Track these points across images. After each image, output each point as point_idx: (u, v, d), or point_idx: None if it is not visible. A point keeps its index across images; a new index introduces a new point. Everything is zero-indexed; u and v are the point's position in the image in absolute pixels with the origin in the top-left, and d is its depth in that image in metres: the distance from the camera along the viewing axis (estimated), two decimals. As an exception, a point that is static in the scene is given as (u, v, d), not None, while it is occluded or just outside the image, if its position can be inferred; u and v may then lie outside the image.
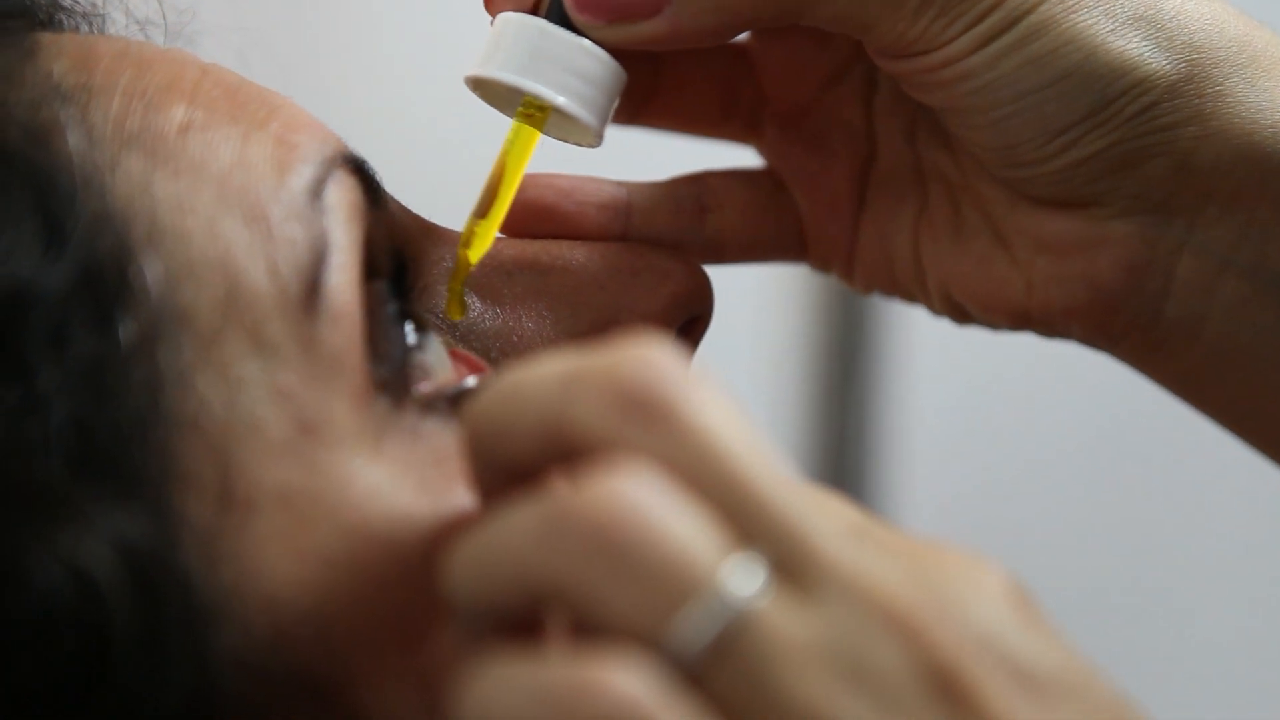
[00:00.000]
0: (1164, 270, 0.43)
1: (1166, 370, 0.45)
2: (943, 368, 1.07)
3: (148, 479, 0.32)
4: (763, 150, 0.48)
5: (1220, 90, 0.41)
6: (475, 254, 0.40)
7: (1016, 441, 1.11)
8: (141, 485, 0.32)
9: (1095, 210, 0.43)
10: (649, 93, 0.45)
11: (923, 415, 1.09)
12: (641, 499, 0.28)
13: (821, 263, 0.48)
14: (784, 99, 0.47)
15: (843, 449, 1.11)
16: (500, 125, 0.42)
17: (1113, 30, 0.41)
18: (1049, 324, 0.45)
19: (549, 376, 0.30)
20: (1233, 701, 1.13)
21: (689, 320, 0.41)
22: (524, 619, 0.29)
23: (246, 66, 0.42)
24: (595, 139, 0.41)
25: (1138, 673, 1.13)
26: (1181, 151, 0.42)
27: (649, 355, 0.30)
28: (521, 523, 0.29)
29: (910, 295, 0.47)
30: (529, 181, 0.43)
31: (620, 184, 0.46)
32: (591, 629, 0.28)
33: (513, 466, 0.30)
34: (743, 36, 0.45)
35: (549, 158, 0.43)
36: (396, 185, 0.41)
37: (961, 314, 0.46)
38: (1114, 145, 0.41)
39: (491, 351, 0.39)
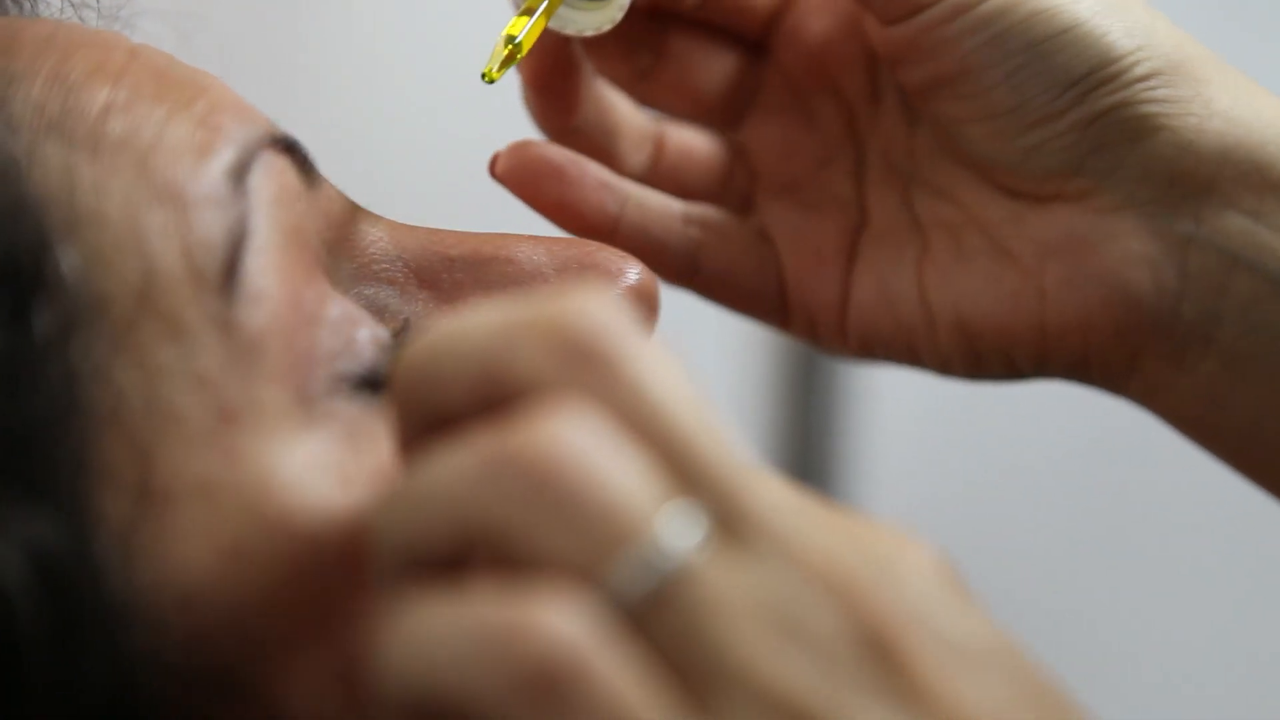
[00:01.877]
0: (1177, 265, 0.43)
1: (1184, 393, 0.44)
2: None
3: (61, 475, 0.31)
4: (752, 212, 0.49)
5: (1213, 82, 0.43)
6: (527, 41, 0.42)
7: (987, 440, 1.11)
8: (55, 482, 0.31)
9: (1100, 199, 0.43)
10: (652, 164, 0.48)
11: (890, 415, 1.09)
12: (581, 440, 0.27)
13: (805, 323, 0.48)
14: (775, 178, 0.48)
15: (809, 449, 1.10)
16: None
17: None
18: (1065, 341, 0.44)
19: (486, 323, 0.29)
20: (1206, 705, 1.13)
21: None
22: (451, 565, 0.28)
23: (189, 49, 0.41)
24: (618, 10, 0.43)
25: (1108, 671, 1.13)
26: (1186, 130, 0.43)
27: (593, 304, 0.29)
28: (455, 463, 0.28)
29: (913, 342, 0.47)
30: (540, 144, 0.45)
31: (623, 180, 0.46)
32: (524, 572, 0.27)
33: (443, 415, 0.29)
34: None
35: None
36: (336, 161, 0.40)
37: (972, 353, 0.46)
38: (1122, 105, 0.43)
39: None
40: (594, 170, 0.46)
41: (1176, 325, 0.43)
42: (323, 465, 0.33)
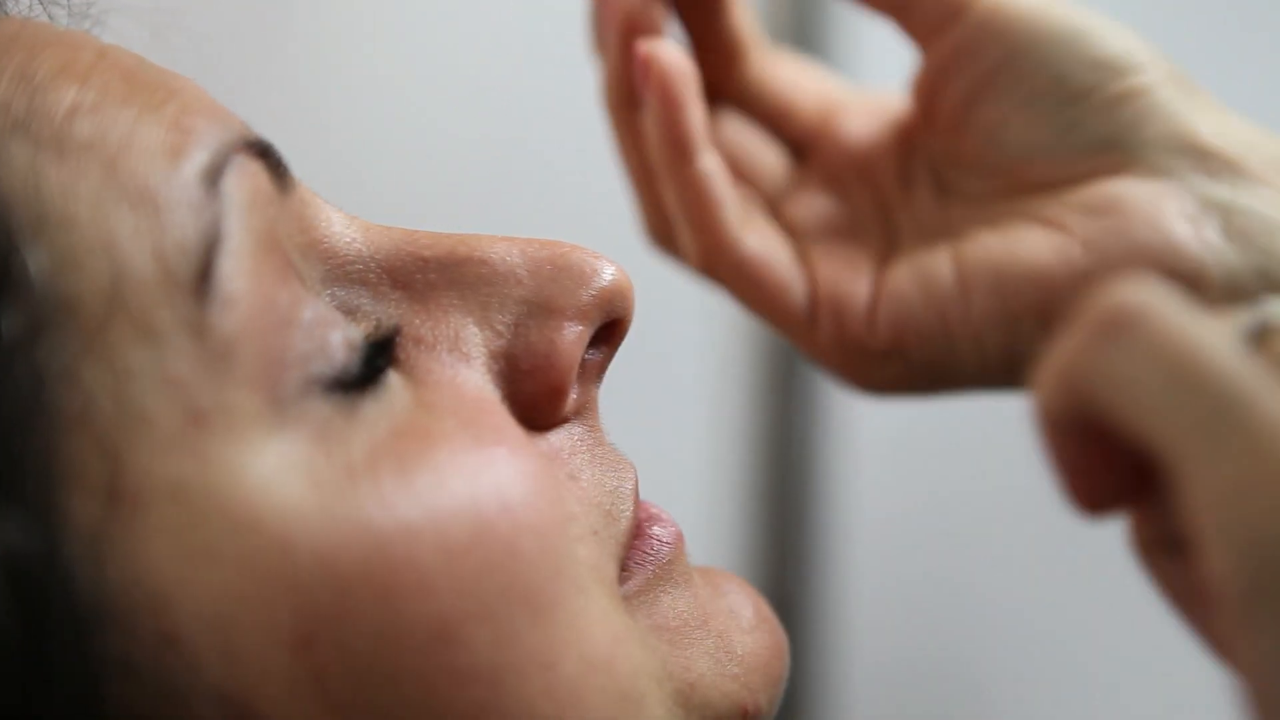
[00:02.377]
0: (1219, 224, 0.45)
1: None
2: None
3: (29, 477, 0.31)
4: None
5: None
6: None
7: (963, 451, 1.12)
8: (23, 485, 0.31)
9: (1136, 169, 0.46)
10: None
11: (868, 424, 1.09)
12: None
13: (832, 320, 0.49)
14: (807, 224, 0.52)
15: (788, 456, 1.11)
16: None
17: None
18: None
19: None
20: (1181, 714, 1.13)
21: (609, 322, 0.40)
22: None
23: (164, 47, 0.41)
24: None
25: (1081, 680, 1.13)
26: (1211, 118, 0.46)
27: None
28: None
29: (946, 316, 0.47)
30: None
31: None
32: None
33: None
34: None
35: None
36: (311, 162, 0.40)
37: (1009, 317, 0.47)
38: (1153, 87, 0.46)
39: (404, 341, 0.38)
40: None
41: (1226, 282, 0.44)
42: (293, 467, 0.33)
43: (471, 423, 0.36)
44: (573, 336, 0.39)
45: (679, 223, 0.51)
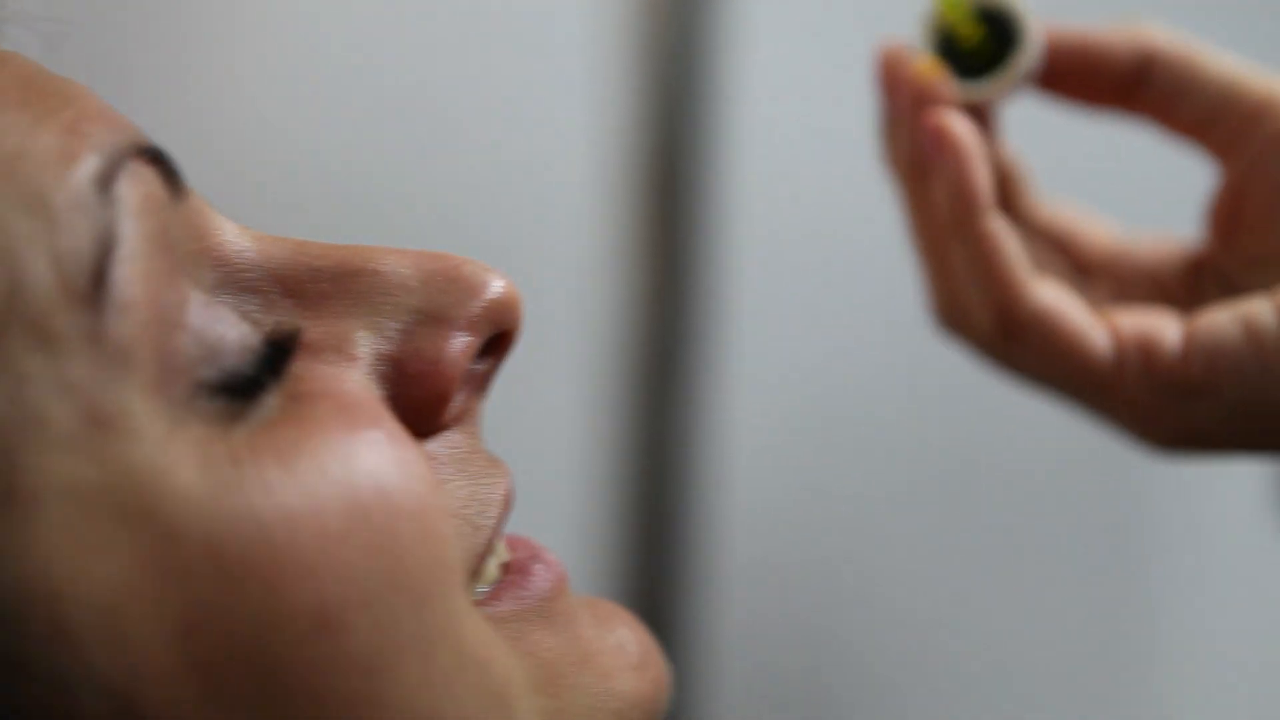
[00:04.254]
0: None
1: None
2: (767, 370, 1.09)
3: None
4: None
5: None
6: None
7: (838, 443, 1.13)
8: None
9: None
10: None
11: (745, 417, 1.10)
12: None
13: (1141, 358, 0.51)
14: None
15: (664, 451, 1.11)
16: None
17: None
18: None
19: None
20: (1059, 699, 1.16)
21: (498, 334, 0.41)
22: None
23: (56, 56, 0.41)
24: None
25: (962, 669, 1.15)
26: None
27: None
28: None
29: (1266, 358, 0.50)
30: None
31: None
32: None
33: None
34: None
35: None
36: (203, 169, 0.41)
37: None
38: None
39: (291, 350, 0.38)
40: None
41: None
42: (184, 460, 0.34)
43: (347, 409, 0.37)
44: (461, 346, 0.39)
45: (969, 289, 0.52)
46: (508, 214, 0.92)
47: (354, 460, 0.35)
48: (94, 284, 0.34)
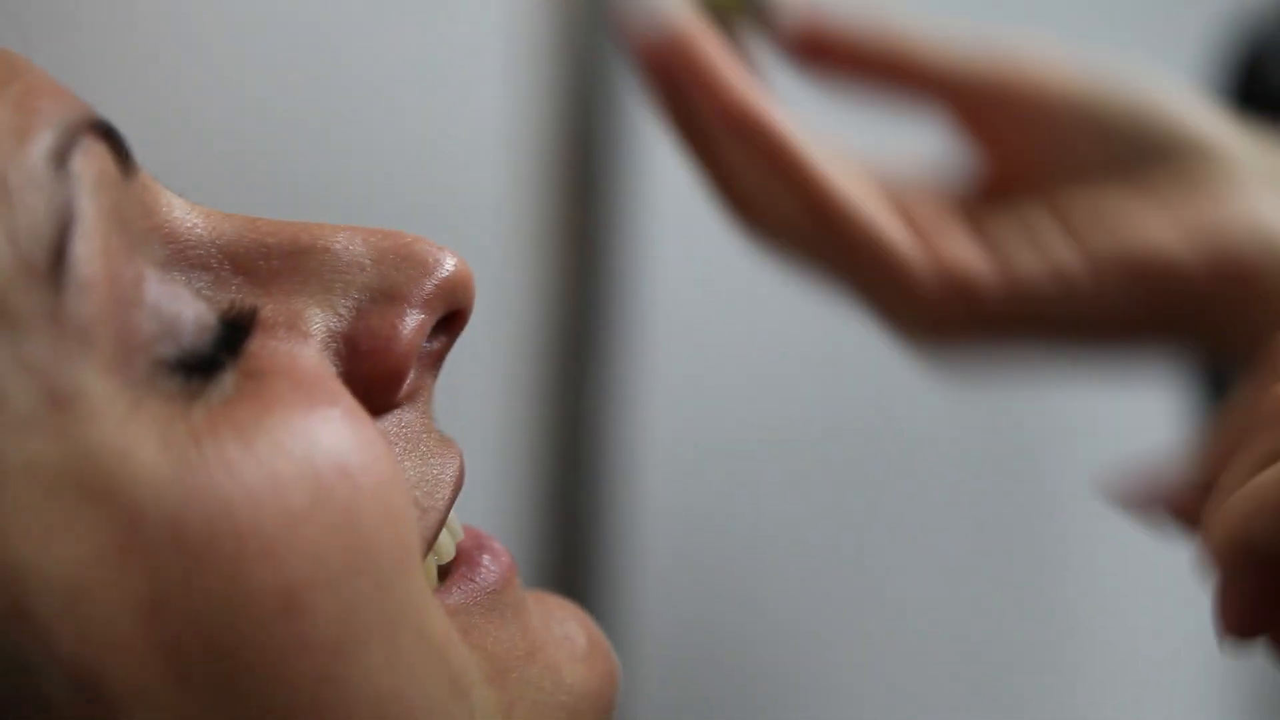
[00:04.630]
0: None
1: None
2: (683, 362, 1.09)
3: None
4: None
5: None
6: None
7: (754, 436, 1.14)
8: None
9: None
10: None
11: (659, 410, 1.11)
12: None
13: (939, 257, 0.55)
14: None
15: (577, 446, 1.11)
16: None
17: None
18: None
19: None
20: (951, 684, 1.18)
21: (450, 313, 0.41)
22: None
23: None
24: None
25: (867, 680, 1.17)
26: None
27: None
28: None
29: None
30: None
31: None
32: None
33: None
34: None
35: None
36: (153, 148, 0.40)
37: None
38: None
39: (249, 328, 0.38)
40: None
41: None
42: (146, 438, 0.33)
43: (304, 386, 0.36)
44: (415, 323, 0.39)
45: (770, 197, 0.53)
46: (420, 200, 0.91)
47: (314, 437, 0.35)
48: (53, 262, 0.33)
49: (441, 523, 0.40)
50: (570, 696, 0.40)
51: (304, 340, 0.38)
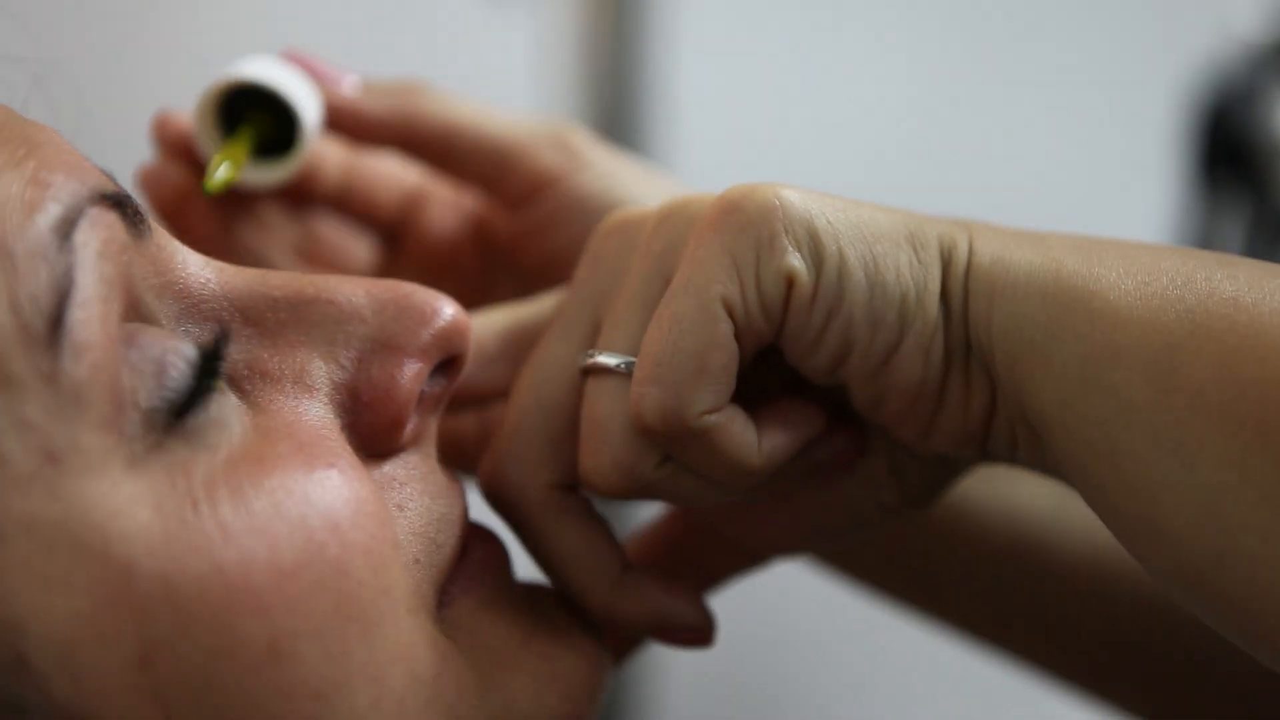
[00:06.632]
0: None
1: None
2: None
3: None
4: None
5: None
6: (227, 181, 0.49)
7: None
8: None
9: None
10: None
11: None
12: None
13: None
14: None
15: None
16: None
17: None
18: None
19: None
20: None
21: (448, 359, 0.43)
22: None
23: (44, 95, 0.43)
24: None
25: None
26: None
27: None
28: None
29: None
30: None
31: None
32: None
33: None
34: None
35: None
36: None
37: None
38: None
39: (252, 375, 0.40)
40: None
41: None
42: (141, 497, 0.35)
43: (305, 447, 0.38)
44: (412, 373, 0.41)
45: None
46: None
47: (310, 498, 0.37)
48: (50, 328, 0.35)
49: (453, 559, 0.42)
50: (562, 682, 0.42)
51: (309, 395, 0.40)
